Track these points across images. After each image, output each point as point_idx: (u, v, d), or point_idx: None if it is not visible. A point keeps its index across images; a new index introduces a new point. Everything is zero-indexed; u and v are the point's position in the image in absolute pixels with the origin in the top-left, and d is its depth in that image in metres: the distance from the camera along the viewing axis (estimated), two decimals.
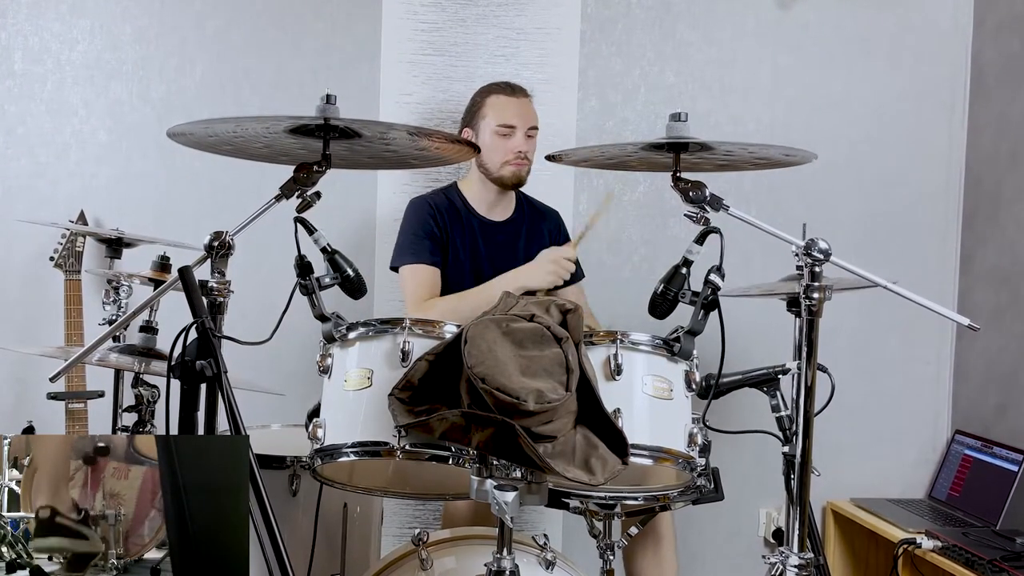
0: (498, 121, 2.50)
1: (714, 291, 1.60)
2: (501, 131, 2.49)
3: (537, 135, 2.56)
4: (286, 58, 2.88)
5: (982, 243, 2.99)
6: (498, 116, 2.50)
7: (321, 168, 1.63)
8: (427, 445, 1.49)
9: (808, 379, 1.63)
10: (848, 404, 2.75)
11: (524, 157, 2.50)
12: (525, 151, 2.50)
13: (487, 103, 2.53)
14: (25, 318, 2.82)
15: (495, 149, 2.49)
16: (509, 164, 2.49)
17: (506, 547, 1.54)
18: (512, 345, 1.45)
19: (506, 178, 2.51)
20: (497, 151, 2.49)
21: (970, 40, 3.05)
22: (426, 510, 2.89)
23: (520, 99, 2.55)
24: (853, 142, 3.03)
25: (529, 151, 2.52)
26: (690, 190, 1.65)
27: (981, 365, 2.97)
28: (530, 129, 2.52)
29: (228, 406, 1.41)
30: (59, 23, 2.82)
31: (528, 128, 2.51)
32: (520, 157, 2.49)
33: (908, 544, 2.54)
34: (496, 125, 2.49)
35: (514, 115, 2.50)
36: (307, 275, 1.63)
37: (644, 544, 2.30)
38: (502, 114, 2.50)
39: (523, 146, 2.49)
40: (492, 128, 2.50)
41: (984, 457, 2.83)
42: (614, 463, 1.43)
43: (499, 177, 2.52)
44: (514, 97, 2.54)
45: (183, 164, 2.80)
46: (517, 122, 2.50)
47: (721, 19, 3.00)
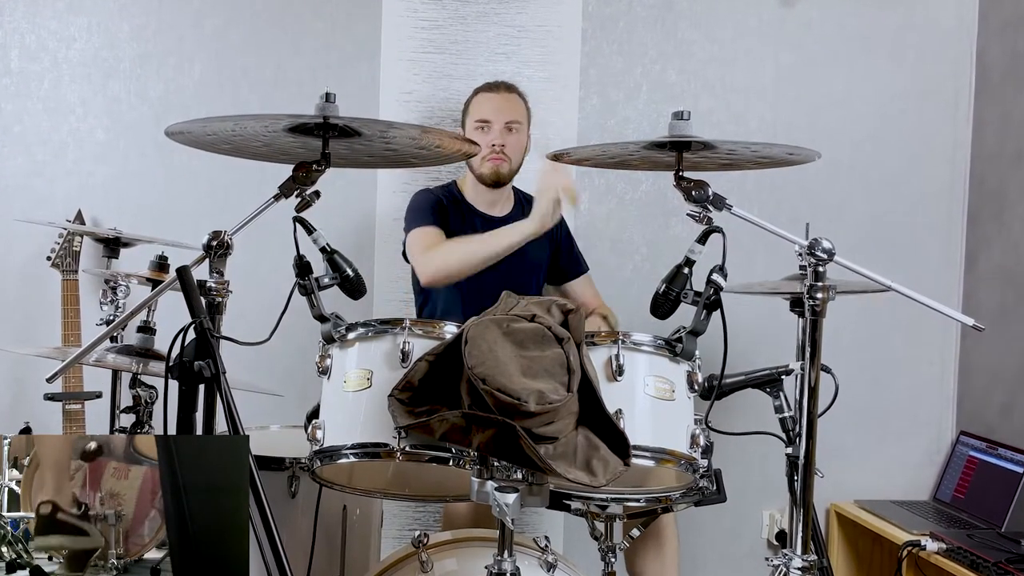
0: (475, 117, 2.53)
1: (716, 291, 1.59)
2: (478, 126, 2.52)
3: (525, 130, 2.56)
4: (285, 56, 2.87)
5: (987, 243, 2.97)
6: (476, 112, 2.54)
7: (320, 167, 1.63)
8: (427, 446, 1.49)
9: (811, 380, 1.62)
10: (852, 405, 2.74)
11: (500, 152, 2.49)
12: (501, 144, 2.49)
13: (472, 102, 2.58)
14: (22, 318, 2.81)
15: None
16: (486, 160, 2.49)
17: (507, 549, 1.54)
18: (513, 345, 1.45)
19: (485, 175, 2.52)
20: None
21: (975, 38, 3.04)
22: (426, 512, 2.88)
23: (501, 94, 2.56)
24: (856, 141, 3.01)
25: (508, 145, 2.51)
26: (692, 189, 1.64)
27: (986, 366, 2.95)
28: (510, 123, 2.52)
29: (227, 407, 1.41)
30: (56, 21, 2.81)
31: (507, 122, 2.51)
32: (495, 151, 2.49)
33: (912, 546, 2.52)
34: (473, 121, 2.53)
35: (490, 110, 2.52)
36: (306, 275, 1.62)
37: (646, 546, 2.29)
38: (479, 109, 2.54)
39: (498, 139, 2.49)
40: (471, 124, 2.53)
41: (989, 458, 2.81)
42: (616, 464, 1.42)
43: (480, 174, 2.53)
44: (494, 93, 2.56)
45: (181, 163, 2.79)
46: (492, 116, 2.51)
47: (723, 17, 2.98)
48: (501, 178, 2.53)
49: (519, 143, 2.54)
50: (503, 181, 2.54)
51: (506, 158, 2.50)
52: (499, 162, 2.50)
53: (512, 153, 2.52)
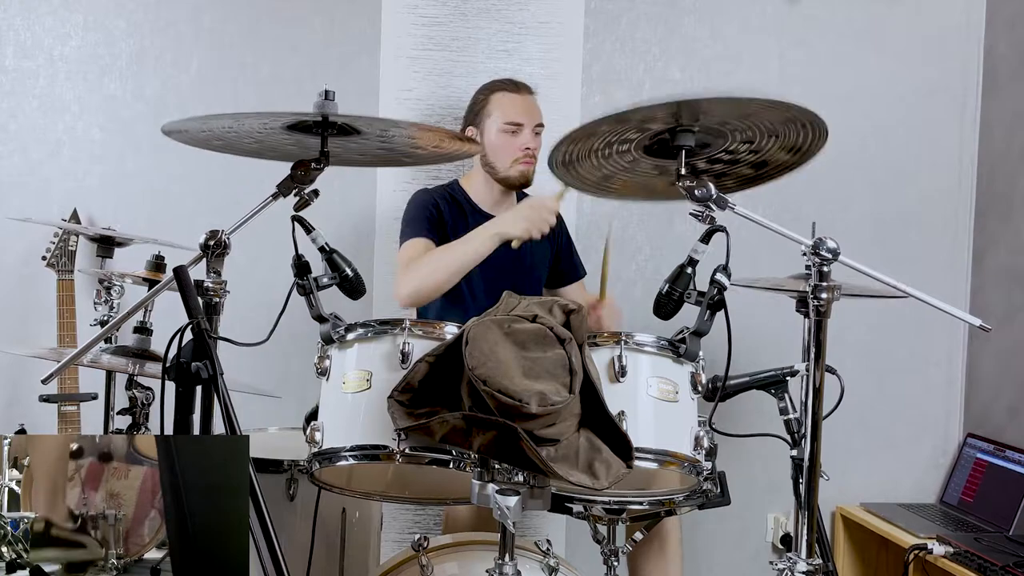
0: (505, 119, 2.47)
1: (720, 291, 1.58)
2: (508, 129, 2.46)
3: (543, 133, 2.52)
4: (283, 53, 2.85)
5: (994, 242, 2.95)
6: (505, 114, 2.47)
7: (319, 165, 1.62)
8: (427, 448, 1.48)
9: (817, 381, 1.61)
10: (858, 407, 2.73)
11: (532, 155, 2.47)
12: (533, 148, 2.47)
13: (492, 101, 2.50)
14: (17, 319, 2.80)
15: (502, 148, 2.46)
16: (519, 163, 2.47)
17: (508, 553, 1.53)
18: (514, 346, 1.44)
19: (513, 178, 2.48)
20: (505, 149, 2.46)
21: (983, 34, 3.01)
22: (426, 515, 2.87)
23: (525, 96, 2.52)
24: (862, 139, 2.99)
25: (536, 148, 2.49)
26: (696, 188, 1.61)
27: (994, 367, 2.93)
28: (536, 126, 2.50)
29: (224, 409, 1.40)
30: (52, 17, 2.79)
31: (535, 125, 2.49)
32: (529, 155, 2.47)
33: (919, 550, 2.50)
34: (503, 123, 2.47)
35: (521, 112, 2.48)
36: (305, 275, 1.61)
37: (649, 550, 2.27)
38: (508, 111, 2.47)
39: (531, 143, 2.47)
40: (499, 126, 2.47)
41: (997, 461, 2.78)
42: (618, 467, 1.41)
43: (506, 177, 2.49)
44: (519, 94, 2.51)
45: (178, 162, 2.77)
46: (524, 119, 2.47)
47: (728, 13, 2.96)
48: (529, 181, 2.52)
49: (541, 145, 2.52)
50: (530, 183, 2.53)
51: (535, 161, 2.49)
52: (530, 165, 2.48)
53: (539, 155, 2.50)
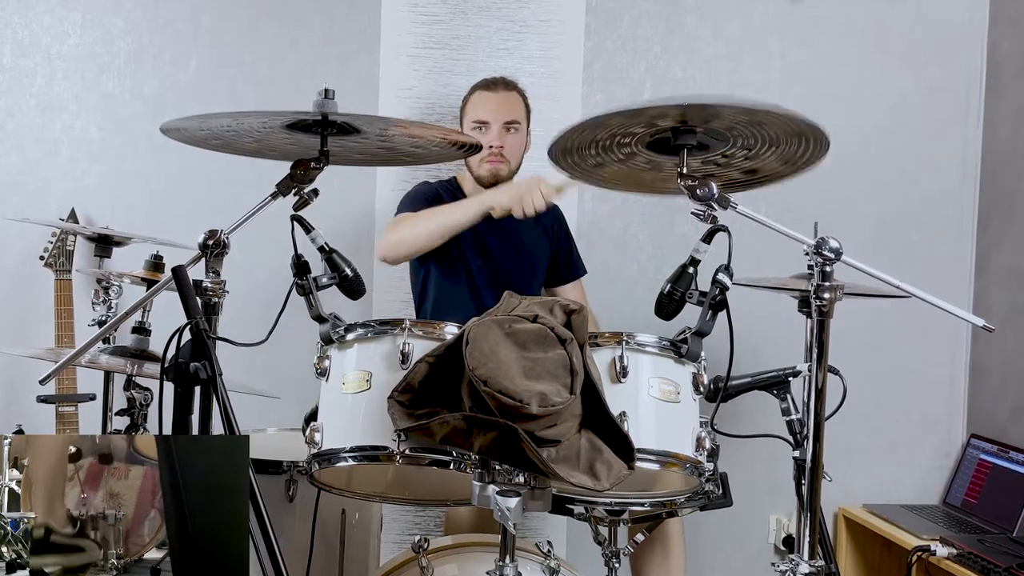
0: (472, 118, 2.48)
1: (722, 291, 1.56)
2: (475, 127, 2.47)
3: (524, 128, 2.52)
4: (282, 51, 2.84)
5: (998, 242, 2.94)
6: (473, 112, 2.49)
7: (319, 164, 1.61)
8: (427, 449, 1.47)
9: (819, 381, 1.59)
10: (861, 407, 2.71)
11: (499, 153, 2.44)
12: (499, 146, 2.45)
13: (469, 100, 2.53)
14: (15, 319, 2.79)
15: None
16: (484, 161, 2.45)
17: (509, 554, 1.53)
18: (515, 347, 1.43)
19: (484, 177, 2.48)
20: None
21: (986, 33, 3.01)
22: (427, 516, 2.86)
23: (498, 93, 2.50)
24: (865, 138, 2.98)
25: (507, 146, 2.46)
26: (697, 187, 1.60)
27: (997, 367, 2.91)
28: (509, 123, 2.47)
29: (223, 409, 1.39)
30: (49, 15, 2.79)
31: (505, 122, 2.47)
32: (493, 153, 2.44)
33: (922, 551, 2.49)
34: (471, 122, 2.48)
35: (487, 110, 2.47)
36: (304, 275, 1.60)
37: (651, 551, 2.27)
38: (477, 110, 2.49)
39: (496, 141, 2.44)
40: (468, 125, 2.49)
41: (1000, 462, 2.77)
42: (619, 468, 1.40)
43: (478, 176, 2.49)
44: (491, 91, 2.51)
45: (177, 161, 2.76)
46: (489, 117, 2.46)
47: (730, 12, 2.95)
48: (500, 180, 2.48)
49: (518, 143, 2.50)
50: (502, 183, 2.49)
51: (504, 160, 2.46)
52: (497, 164, 2.45)
53: (511, 154, 2.47)
